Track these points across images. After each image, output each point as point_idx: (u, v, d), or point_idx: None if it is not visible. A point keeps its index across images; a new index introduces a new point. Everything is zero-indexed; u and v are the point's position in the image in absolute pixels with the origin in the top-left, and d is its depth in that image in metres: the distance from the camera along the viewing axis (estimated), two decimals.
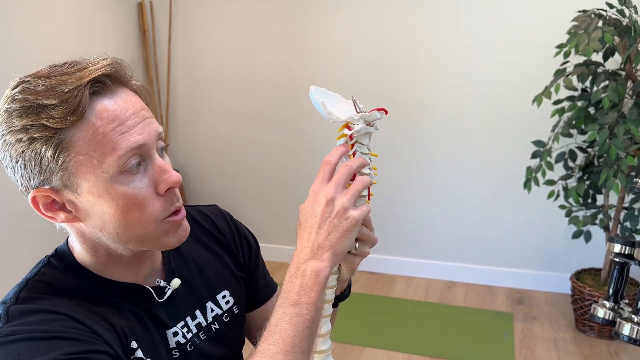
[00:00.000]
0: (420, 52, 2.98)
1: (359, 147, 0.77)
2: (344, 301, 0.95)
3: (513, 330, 2.63)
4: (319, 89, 0.78)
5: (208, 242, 0.97)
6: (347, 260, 0.80)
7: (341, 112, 0.78)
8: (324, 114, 0.76)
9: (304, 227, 0.74)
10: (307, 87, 3.09)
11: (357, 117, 0.76)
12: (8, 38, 2.50)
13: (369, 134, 0.78)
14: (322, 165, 0.76)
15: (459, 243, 3.14)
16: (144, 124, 0.74)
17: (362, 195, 0.78)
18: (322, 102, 0.76)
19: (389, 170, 3.15)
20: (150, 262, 0.85)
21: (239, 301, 0.97)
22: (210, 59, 3.39)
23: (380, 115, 0.78)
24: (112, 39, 3.18)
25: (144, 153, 0.73)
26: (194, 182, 3.60)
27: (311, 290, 0.70)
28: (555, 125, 2.53)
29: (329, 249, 0.71)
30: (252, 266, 1.02)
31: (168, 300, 0.85)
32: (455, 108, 2.98)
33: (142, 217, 0.74)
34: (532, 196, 2.85)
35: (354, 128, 0.76)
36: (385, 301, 2.95)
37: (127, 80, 0.76)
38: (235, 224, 1.03)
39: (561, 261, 2.98)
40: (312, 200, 0.74)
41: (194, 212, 0.99)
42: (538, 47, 2.77)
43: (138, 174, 0.73)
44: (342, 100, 0.81)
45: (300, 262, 0.72)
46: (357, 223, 0.73)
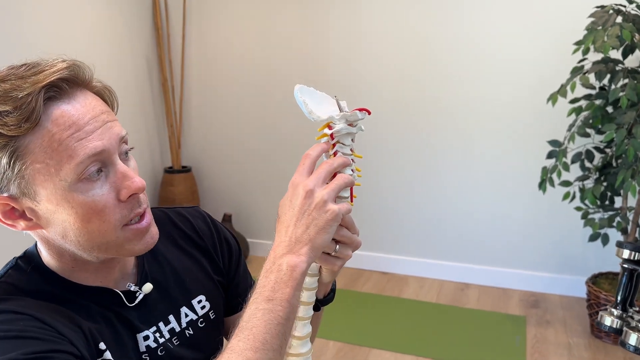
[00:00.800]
0: (433, 50, 2.93)
1: (340, 147, 0.76)
2: (328, 305, 0.92)
3: (525, 334, 2.57)
4: (304, 88, 0.76)
5: (185, 246, 0.94)
6: (328, 262, 0.78)
7: (323, 111, 0.76)
8: (306, 112, 0.74)
9: (281, 220, 0.72)
10: (323, 85, 3.13)
11: (338, 117, 0.74)
12: (19, 37, 2.52)
13: (352, 135, 0.76)
14: (302, 159, 0.74)
15: (472, 244, 3.09)
16: (104, 128, 0.72)
17: (344, 197, 0.75)
18: (304, 101, 0.74)
19: (402, 169, 3.11)
20: (121, 267, 0.83)
21: (216, 306, 0.94)
22: (224, 56, 3.38)
23: (362, 116, 0.75)
24: (126, 36, 3.19)
25: (105, 159, 0.71)
26: (206, 180, 3.60)
27: (286, 286, 0.67)
28: (572, 124, 2.47)
29: (306, 243, 0.69)
30: (232, 270, 0.99)
31: (139, 305, 0.83)
32: (470, 106, 2.93)
33: (103, 226, 0.72)
34: (547, 197, 2.79)
35: (335, 127, 0.74)
36: (396, 302, 2.91)
37: (87, 82, 0.74)
38: (216, 227, 1.00)
39: (578, 264, 2.90)
40: (291, 193, 0.72)
41: (173, 214, 0.97)
42: (554, 44, 2.71)
43: (98, 180, 0.71)
44: (328, 100, 0.78)
45: (276, 257, 0.69)
46: (336, 217, 0.70)
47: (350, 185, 0.75)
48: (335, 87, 3.14)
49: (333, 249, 0.75)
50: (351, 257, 0.79)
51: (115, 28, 3.11)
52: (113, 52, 3.10)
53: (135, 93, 3.29)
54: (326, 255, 0.77)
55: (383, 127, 3.10)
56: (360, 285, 3.10)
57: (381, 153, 3.14)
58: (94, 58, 3.08)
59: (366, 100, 3.10)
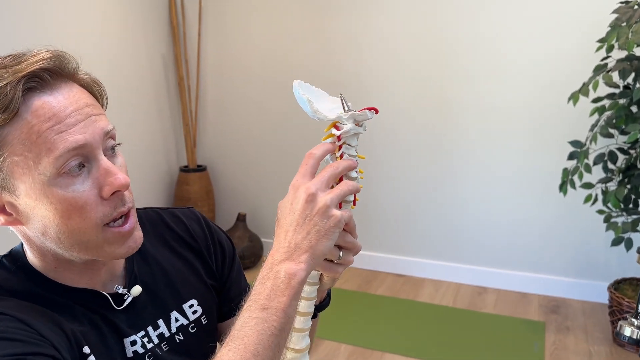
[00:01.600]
0: (451, 48, 2.87)
1: (346, 149, 0.71)
2: (324, 310, 0.88)
3: (544, 340, 2.49)
4: (302, 83, 0.71)
5: (178, 248, 0.91)
6: (330, 269, 0.73)
7: (328, 110, 0.71)
8: (310, 112, 0.69)
9: (281, 224, 0.68)
10: (339, 84, 3.08)
11: (346, 117, 0.70)
12: (34, 36, 2.53)
13: (357, 135, 0.72)
14: (305, 158, 0.70)
15: (491, 247, 3.01)
16: (88, 122, 0.69)
17: (347, 201, 0.71)
18: (308, 99, 0.69)
19: (418, 170, 3.05)
20: (109, 268, 0.80)
21: (209, 311, 0.91)
22: (240, 55, 3.36)
23: (370, 115, 0.71)
24: (142, 35, 3.19)
25: (87, 154, 0.69)
26: (221, 179, 3.59)
27: (283, 295, 0.63)
28: (594, 124, 2.38)
29: (306, 250, 0.65)
30: (225, 274, 0.96)
31: (128, 308, 0.80)
32: (488, 106, 2.85)
33: (83, 223, 0.69)
34: (568, 200, 2.70)
35: (343, 128, 0.70)
36: (411, 305, 2.85)
37: (72, 74, 0.72)
38: (210, 228, 0.96)
39: (600, 269, 2.81)
40: (292, 195, 0.68)
41: (166, 215, 0.94)
42: (576, 42, 2.62)
43: (79, 176, 0.68)
44: (328, 97, 0.74)
45: (274, 263, 0.65)
46: (339, 224, 0.66)
47: (356, 192, 0.71)
48: (351, 85, 3.09)
49: (337, 256, 0.72)
50: (353, 262, 0.76)
51: (132, 26, 3.11)
52: (129, 51, 3.10)
53: (151, 91, 3.29)
54: (329, 263, 0.73)
55: (400, 127, 3.05)
56: (374, 287, 3.05)
57: (398, 153, 3.08)
58: (110, 56, 3.12)
59: (383, 99, 3.05)
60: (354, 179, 0.71)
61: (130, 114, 3.13)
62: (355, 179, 0.72)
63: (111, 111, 3.11)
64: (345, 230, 0.71)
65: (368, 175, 3.16)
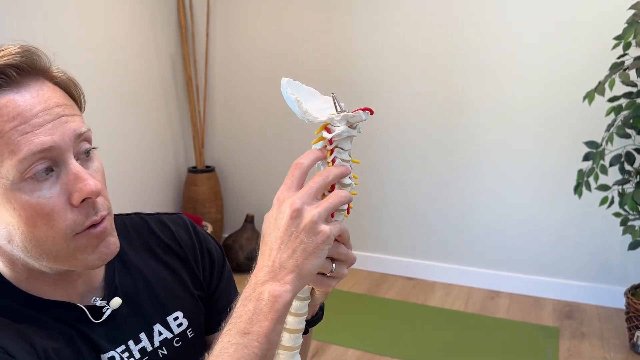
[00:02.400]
0: (462, 45, 2.80)
1: (339, 153, 0.65)
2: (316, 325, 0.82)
3: (558, 347, 2.42)
4: (292, 81, 0.65)
5: (163, 256, 0.86)
6: (322, 283, 0.67)
7: (319, 111, 0.65)
8: (299, 112, 0.64)
9: (265, 240, 0.62)
10: (348, 84, 3.02)
11: (338, 118, 0.63)
12: (43, 37, 2.51)
13: (351, 138, 0.66)
14: (291, 168, 0.64)
15: (503, 250, 2.94)
16: (57, 122, 0.64)
17: (340, 210, 0.66)
18: (296, 99, 0.63)
19: (429, 170, 2.99)
20: (86, 279, 0.76)
21: (195, 324, 0.85)
22: (249, 55, 3.32)
23: (365, 117, 0.64)
24: (150, 35, 3.16)
25: (56, 157, 0.64)
26: (230, 180, 3.55)
27: (265, 319, 0.57)
28: (611, 124, 2.30)
29: (292, 271, 0.59)
30: (214, 284, 0.90)
31: (107, 322, 0.75)
32: (501, 105, 2.78)
33: (51, 232, 0.64)
34: (583, 202, 2.63)
35: (335, 130, 0.63)
36: (421, 310, 2.79)
37: (44, 71, 0.67)
38: (198, 236, 0.91)
39: (616, 273, 2.73)
40: (276, 210, 0.62)
41: (152, 221, 0.89)
42: (591, 39, 2.55)
43: (47, 181, 0.64)
44: (319, 96, 0.68)
45: (257, 283, 0.60)
46: (328, 240, 0.60)
47: (348, 202, 0.65)
48: (361, 83, 3.04)
49: (329, 269, 0.66)
50: (346, 275, 0.70)
51: (140, 27, 3.09)
52: (137, 51, 3.08)
53: (159, 92, 3.26)
54: (321, 277, 0.67)
55: (409, 126, 2.99)
56: (384, 290, 3.00)
57: (408, 152, 3.02)
58: (118, 57, 3.10)
59: (394, 98, 3.00)
60: (348, 185, 0.66)
61: (138, 114, 3.10)
62: (349, 186, 0.66)
63: (119, 112, 3.12)
64: (338, 241, 0.66)
65: (377, 175, 3.10)
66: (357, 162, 0.69)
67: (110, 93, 2.90)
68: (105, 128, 2.88)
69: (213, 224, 3.33)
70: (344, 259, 0.67)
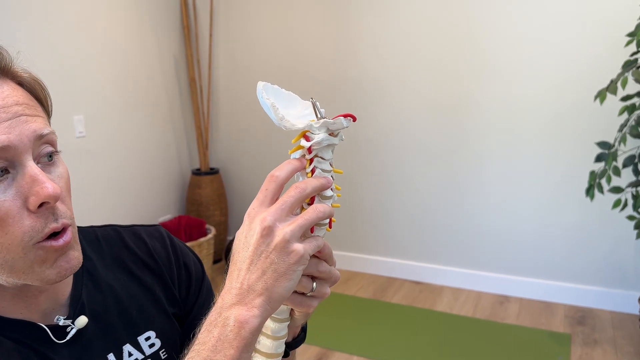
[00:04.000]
0: (471, 44, 2.73)
1: (319, 163, 0.59)
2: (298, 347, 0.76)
3: (570, 354, 2.34)
4: (269, 86, 0.59)
5: (137, 271, 0.80)
6: (302, 304, 0.62)
7: (298, 117, 0.60)
8: (275, 119, 0.58)
9: (235, 260, 0.56)
10: (353, 83, 2.94)
11: (317, 125, 0.58)
12: (46, 36, 2.48)
13: (332, 146, 0.60)
14: (266, 181, 0.58)
15: (513, 253, 2.86)
16: (15, 121, 0.59)
17: (321, 224, 0.60)
18: (272, 104, 0.57)
19: (437, 172, 2.92)
20: (50, 295, 0.70)
21: (169, 344, 0.79)
22: (252, 55, 3.27)
23: (346, 124, 0.59)
24: (154, 36, 3.12)
25: (12, 158, 0.59)
26: (234, 182, 3.51)
27: (231, 346, 0.52)
28: (624, 124, 2.22)
29: (261, 293, 0.54)
30: (191, 301, 0.84)
31: (71, 342, 0.69)
32: (509, 105, 2.71)
33: (5, 238, 0.59)
34: (596, 205, 2.55)
35: (314, 138, 0.58)
36: (428, 315, 2.72)
37: (5, 69, 0.62)
38: (175, 249, 0.85)
39: (630, 278, 2.64)
40: (247, 227, 0.56)
41: (126, 234, 0.83)
42: (603, 36, 2.47)
43: (1, 183, 0.59)
44: (299, 101, 0.62)
45: (223, 307, 0.54)
46: (301, 260, 0.55)
47: (328, 217, 0.59)
48: (367, 83, 2.98)
49: (310, 288, 0.60)
50: (329, 295, 0.64)
51: (143, 28, 3.05)
52: (141, 52, 3.04)
53: (163, 93, 3.22)
54: (301, 297, 0.61)
55: (416, 126, 2.92)
56: (390, 295, 2.93)
57: (416, 153, 2.95)
58: (121, 57, 3.06)
59: (400, 99, 2.93)
60: (329, 198, 0.60)
61: (141, 116, 3.07)
62: (331, 198, 0.60)
63: (121, 113, 3.06)
64: (318, 257, 0.60)
65: (383, 176, 3.04)
66: (340, 172, 0.63)
67: (113, 95, 2.87)
68: (108, 130, 2.85)
69: (217, 226, 3.28)
70: (326, 277, 0.61)
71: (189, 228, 3.02)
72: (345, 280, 3.10)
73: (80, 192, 2.71)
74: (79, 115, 2.68)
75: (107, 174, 2.86)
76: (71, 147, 2.65)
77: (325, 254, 0.61)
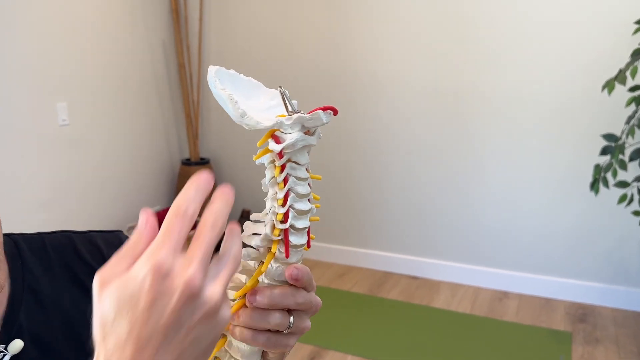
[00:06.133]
0: (472, 32, 2.62)
1: (292, 170, 0.46)
2: None
3: (571, 353, 2.27)
4: (223, 71, 0.45)
5: (89, 284, 0.68)
6: (278, 344, 0.49)
7: (262, 111, 0.47)
8: (234, 115, 0.44)
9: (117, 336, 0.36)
10: (349, 70, 2.77)
11: (290, 122, 0.44)
12: (26, 16, 2.34)
13: (308, 148, 0.47)
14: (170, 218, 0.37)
15: (513, 248, 2.78)
16: None
17: (297, 245, 0.47)
18: (229, 96, 0.43)
19: (434, 165, 2.83)
20: None
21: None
22: (244, 40, 3.15)
23: (326, 119, 0.46)
24: (141, 19, 2.99)
25: None
26: (225, 173, 3.40)
27: None
28: (631, 116, 2.13)
29: None
30: None
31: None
32: (513, 96, 2.61)
33: None
34: (600, 199, 2.46)
35: (286, 139, 0.44)
36: (425, 312, 2.64)
37: None
38: None
39: (634, 274, 2.56)
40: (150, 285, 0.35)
41: (80, 241, 0.72)
42: (611, 24, 2.37)
43: None
44: (262, 90, 0.49)
45: None
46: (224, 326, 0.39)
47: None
48: (363, 74, 2.87)
49: (286, 325, 0.48)
50: (309, 329, 0.52)
51: (131, 11, 2.92)
52: (128, 37, 2.91)
53: (151, 79, 3.10)
54: (276, 336, 0.48)
55: (415, 119, 2.82)
56: (386, 290, 2.84)
57: (413, 145, 2.85)
58: (108, 42, 2.91)
59: (398, 89, 2.82)
60: (307, 212, 0.47)
61: (128, 103, 2.94)
62: (308, 212, 0.48)
63: (108, 101, 2.90)
64: (296, 286, 0.48)
65: (379, 168, 2.94)
66: (318, 178, 0.50)
67: (98, 81, 2.74)
68: (94, 118, 2.73)
69: None
70: (306, 307, 0.49)
71: None
72: (340, 275, 3.01)
73: (63, 184, 2.60)
74: (62, 102, 2.56)
75: (93, 164, 2.75)
76: (53, 136, 2.54)
77: (304, 281, 0.48)
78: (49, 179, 2.54)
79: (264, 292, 0.46)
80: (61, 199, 2.60)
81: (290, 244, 0.47)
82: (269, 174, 0.47)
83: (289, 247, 0.47)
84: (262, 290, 0.47)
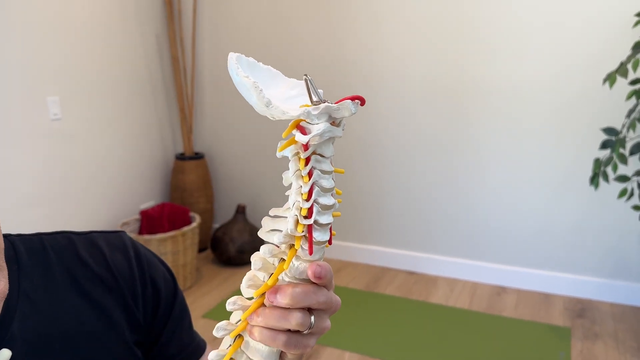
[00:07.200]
0: (471, 25, 2.59)
1: (317, 163, 0.44)
2: None
3: (570, 349, 2.25)
4: (243, 58, 0.44)
5: (91, 290, 0.65)
6: (298, 345, 0.47)
7: (285, 101, 0.45)
8: (258, 105, 0.42)
9: None
10: (345, 65, 2.73)
11: (317, 112, 0.42)
12: (17, 8, 2.29)
13: (333, 139, 0.44)
14: None
15: (511, 243, 2.76)
16: None
17: (320, 242, 0.45)
18: (254, 85, 0.42)
19: (433, 159, 2.80)
20: None
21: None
22: (239, 33, 3.11)
23: (354, 109, 0.42)
24: (133, 12, 2.94)
25: None
26: (220, 168, 3.36)
27: None
28: (632, 109, 2.11)
29: None
30: (159, 325, 0.70)
31: None
32: (510, 89, 2.58)
33: None
34: (600, 194, 2.44)
35: (313, 130, 0.42)
36: (422, 307, 2.61)
37: None
38: (140, 262, 0.70)
39: (633, 269, 2.55)
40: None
41: (81, 243, 0.68)
42: (611, 16, 2.34)
43: None
44: (281, 79, 0.47)
45: None
46: None
47: None
48: (362, 66, 2.83)
49: (308, 325, 0.46)
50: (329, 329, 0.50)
51: (123, 4, 2.86)
52: (121, 30, 2.85)
53: (144, 73, 3.05)
54: (296, 337, 0.47)
55: (413, 113, 2.78)
56: (383, 286, 2.82)
57: (412, 140, 2.82)
58: (100, 35, 2.85)
59: (397, 82, 2.79)
60: (331, 207, 0.45)
61: (121, 98, 2.89)
62: (332, 207, 0.45)
63: (100, 95, 2.84)
64: (317, 284, 0.46)
65: (377, 162, 2.91)
66: (342, 172, 0.48)
67: (91, 75, 2.69)
68: (86, 112, 2.68)
69: (202, 214, 3.14)
70: (326, 306, 0.47)
71: (172, 216, 2.87)
72: (337, 270, 2.98)
73: (55, 179, 2.55)
74: (54, 96, 2.51)
75: (85, 158, 2.70)
76: (45, 130, 2.48)
77: (327, 279, 0.46)
78: (40, 174, 2.49)
79: (285, 290, 0.44)
80: (53, 194, 2.55)
81: (314, 241, 0.44)
82: (293, 167, 0.44)
83: (313, 243, 0.44)
84: (283, 288, 0.45)
